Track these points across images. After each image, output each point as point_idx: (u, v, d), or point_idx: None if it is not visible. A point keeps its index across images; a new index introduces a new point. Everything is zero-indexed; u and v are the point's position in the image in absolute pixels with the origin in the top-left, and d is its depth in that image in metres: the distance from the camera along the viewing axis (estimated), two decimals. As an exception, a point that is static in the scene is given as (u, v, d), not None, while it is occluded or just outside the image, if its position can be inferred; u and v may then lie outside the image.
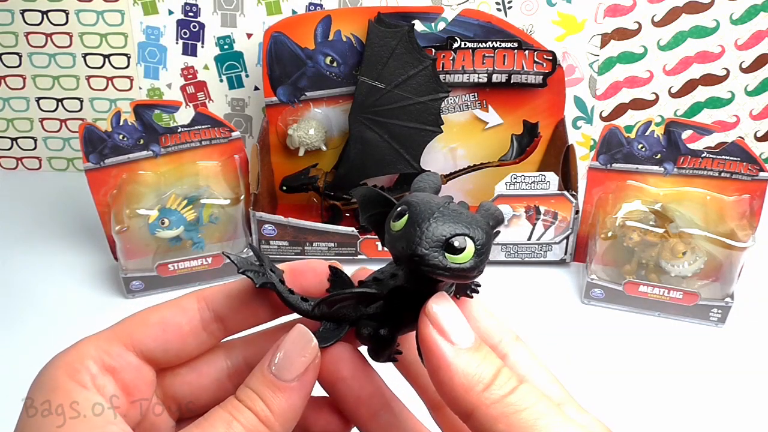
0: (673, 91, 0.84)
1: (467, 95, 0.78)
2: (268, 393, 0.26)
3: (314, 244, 0.74)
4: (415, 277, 0.26)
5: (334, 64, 0.76)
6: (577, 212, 0.71)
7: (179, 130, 0.72)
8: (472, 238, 0.24)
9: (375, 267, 0.30)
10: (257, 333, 0.31)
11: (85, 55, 0.83)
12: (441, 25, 0.76)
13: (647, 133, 0.67)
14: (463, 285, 0.28)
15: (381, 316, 0.29)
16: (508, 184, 0.70)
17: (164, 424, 0.30)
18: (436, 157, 0.79)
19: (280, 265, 0.30)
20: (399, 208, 0.25)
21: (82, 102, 0.86)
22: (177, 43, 0.82)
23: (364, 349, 0.30)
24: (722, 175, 0.67)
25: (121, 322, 0.29)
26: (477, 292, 0.29)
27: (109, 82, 0.85)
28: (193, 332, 0.29)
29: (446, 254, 0.24)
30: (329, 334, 0.29)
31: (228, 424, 0.25)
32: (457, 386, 0.25)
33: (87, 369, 0.27)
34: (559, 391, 0.27)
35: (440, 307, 0.25)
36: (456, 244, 0.24)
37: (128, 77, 0.85)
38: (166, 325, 0.28)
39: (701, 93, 0.84)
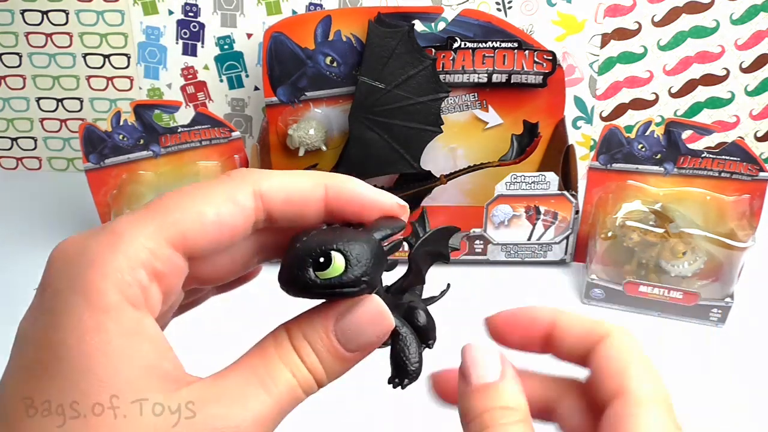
0: (673, 91, 0.84)
1: (467, 95, 0.78)
2: (330, 359, 0.24)
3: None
4: None
5: (334, 64, 0.76)
6: (577, 212, 0.71)
7: (179, 130, 0.72)
8: (339, 250, 0.24)
9: None
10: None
11: (85, 55, 0.83)
12: (441, 25, 0.76)
13: (647, 133, 0.67)
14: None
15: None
16: (508, 184, 0.70)
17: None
18: (436, 157, 0.79)
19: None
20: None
21: (82, 102, 0.86)
22: (177, 43, 0.82)
23: None
24: (722, 175, 0.67)
25: (166, 208, 0.24)
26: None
27: (109, 82, 0.85)
28: (246, 233, 0.26)
29: (312, 270, 0.24)
30: None
31: (286, 378, 0.24)
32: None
33: (138, 282, 0.23)
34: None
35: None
36: (321, 259, 0.24)
37: (128, 77, 0.85)
38: (223, 226, 0.24)
39: (701, 93, 0.84)
